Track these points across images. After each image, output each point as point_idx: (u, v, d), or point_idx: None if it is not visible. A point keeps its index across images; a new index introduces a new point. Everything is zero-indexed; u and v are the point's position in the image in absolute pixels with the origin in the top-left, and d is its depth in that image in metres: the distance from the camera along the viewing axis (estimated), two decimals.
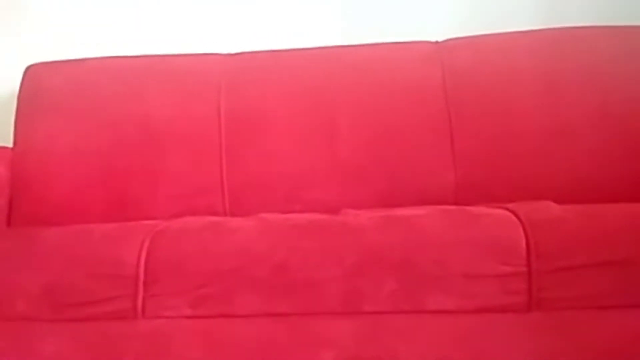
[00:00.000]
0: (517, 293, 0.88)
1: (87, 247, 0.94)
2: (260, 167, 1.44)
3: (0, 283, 0.91)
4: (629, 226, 0.88)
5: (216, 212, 1.40)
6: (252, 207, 1.40)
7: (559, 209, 0.95)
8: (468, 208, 0.97)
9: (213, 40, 1.65)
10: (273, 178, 1.43)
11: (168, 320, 0.93)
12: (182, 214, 1.37)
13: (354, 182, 1.41)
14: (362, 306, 0.91)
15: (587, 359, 0.86)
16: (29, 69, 1.58)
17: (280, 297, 0.91)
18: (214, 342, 0.91)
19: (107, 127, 1.49)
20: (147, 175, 1.44)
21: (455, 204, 1.32)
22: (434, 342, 0.90)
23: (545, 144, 1.39)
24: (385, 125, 1.44)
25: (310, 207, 1.35)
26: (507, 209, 0.94)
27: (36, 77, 1.57)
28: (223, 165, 1.45)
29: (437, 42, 1.53)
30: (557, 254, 0.87)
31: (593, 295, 0.87)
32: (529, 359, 0.87)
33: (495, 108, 1.42)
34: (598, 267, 0.86)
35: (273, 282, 0.90)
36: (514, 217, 0.91)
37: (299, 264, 0.90)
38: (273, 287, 0.91)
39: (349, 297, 0.91)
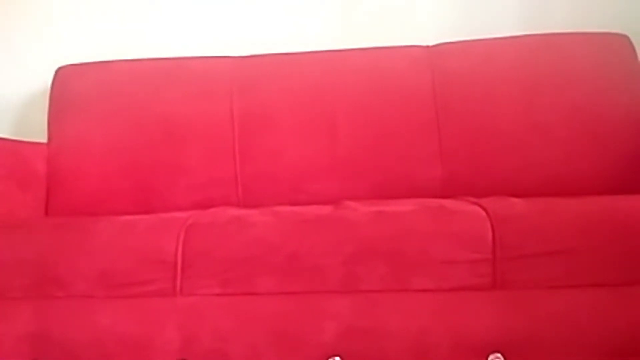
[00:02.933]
0: (484, 275, 1.00)
1: (134, 238, 1.06)
2: (269, 161, 1.54)
3: (64, 267, 1.04)
4: (575, 221, 1.01)
5: (230, 202, 1.50)
6: (262, 197, 1.50)
7: (521, 206, 1.07)
8: (447, 205, 1.09)
9: (225, 43, 1.73)
10: (280, 171, 1.52)
11: (201, 297, 1.04)
12: (200, 203, 1.47)
13: (352, 175, 1.51)
14: (359, 286, 1.02)
15: (539, 328, 0.99)
16: (59, 71, 1.65)
17: (291, 279, 1.02)
18: (238, 314, 1.04)
19: (133, 125, 1.57)
20: (168, 168, 1.54)
21: (442, 195, 1.41)
22: (417, 314, 1.02)
23: (523, 141, 1.48)
24: (379, 124, 1.53)
25: (313, 198, 1.45)
26: (480, 205, 1.07)
27: (66, 78, 1.64)
28: (236, 160, 1.54)
29: (428, 47, 1.60)
30: (517, 244, 1.00)
31: (544, 278, 0.99)
32: (492, 328, 1.00)
33: (479, 108, 1.51)
34: (549, 255, 0.99)
35: (286, 267, 1.02)
36: (483, 213, 1.03)
37: (307, 252, 1.02)
38: (286, 271, 1.02)
39: (348, 279, 1.02)
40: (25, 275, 1.05)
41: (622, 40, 1.55)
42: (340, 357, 1.02)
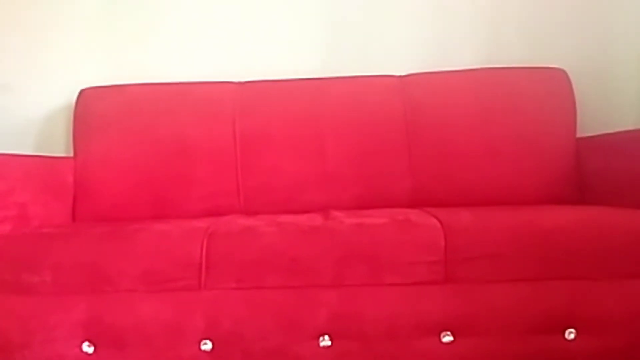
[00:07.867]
0: (438, 273, 1.23)
1: (168, 245, 1.26)
2: (266, 175, 1.75)
3: (112, 268, 1.24)
4: (506, 231, 1.25)
5: (233, 210, 1.71)
6: (261, 206, 1.72)
7: (468, 218, 1.31)
8: (411, 217, 1.32)
9: (227, 70, 1.94)
10: (276, 184, 1.74)
11: (221, 291, 1.23)
12: (208, 211, 1.68)
13: (338, 187, 1.74)
14: (344, 282, 1.23)
15: (479, 312, 1.25)
16: (82, 92, 1.84)
17: (293, 276, 1.22)
18: (251, 304, 1.23)
19: (149, 142, 1.76)
20: (181, 180, 1.74)
21: (411, 204, 1.67)
22: (388, 302, 1.24)
23: (479, 159, 1.73)
24: (360, 143, 1.76)
25: (305, 206, 1.67)
26: (436, 217, 1.31)
27: (88, 99, 1.83)
28: (238, 174, 1.75)
29: (400, 77, 1.84)
30: (463, 249, 1.23)
31: (483, 275, 1.24)
32: (444, 312, 1.25)
33: (443, 132, 1.76)
34: (487, 258, 1.23)
35: (289, 267, 1.22)
36: (438, 225, 1.27)
37: (305, 256, 1.23)
38: (289, 270, 1.22)
39: (336, 276, 1.23)
40: (81, 274, 1.26)
41: (560, 74, 1.82)
42: (329, 336, 1.25)
